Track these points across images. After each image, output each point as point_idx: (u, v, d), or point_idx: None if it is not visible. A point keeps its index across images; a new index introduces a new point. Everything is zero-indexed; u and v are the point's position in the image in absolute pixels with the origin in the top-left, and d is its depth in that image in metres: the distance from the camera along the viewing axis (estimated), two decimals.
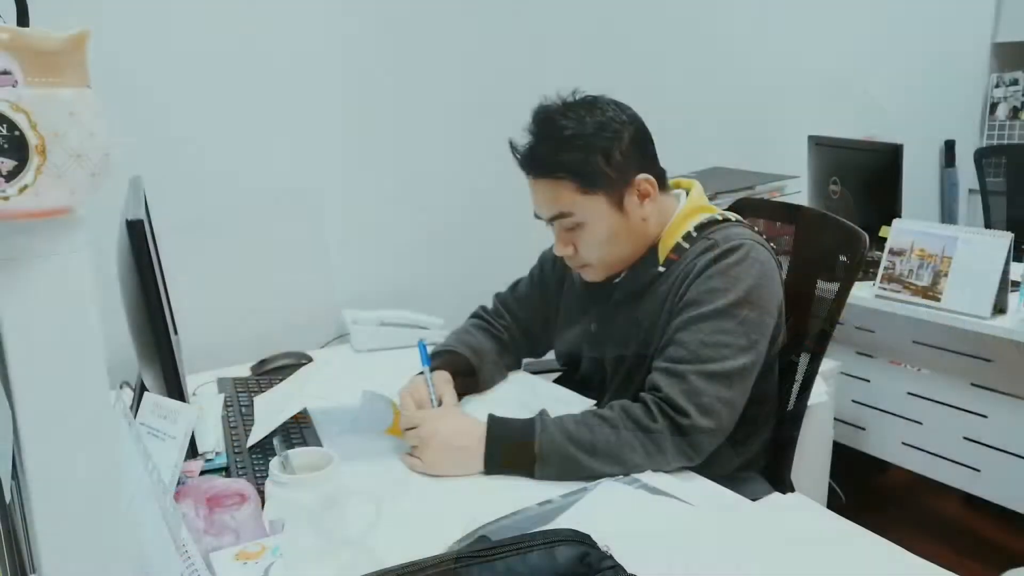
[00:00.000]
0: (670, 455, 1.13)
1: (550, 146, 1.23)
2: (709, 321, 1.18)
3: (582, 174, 1.22)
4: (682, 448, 1.14)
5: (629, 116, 1.26)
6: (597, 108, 1.24)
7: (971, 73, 3.35)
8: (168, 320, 1.12)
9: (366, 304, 1.84)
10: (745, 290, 1.19)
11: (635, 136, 1.25)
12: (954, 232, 1.89)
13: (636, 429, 1.14)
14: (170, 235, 1.52)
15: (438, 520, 1.02)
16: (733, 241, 1.23)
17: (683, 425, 1.13)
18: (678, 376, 1.16)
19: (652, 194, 1.26)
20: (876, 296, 2.00)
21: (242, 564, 0.87)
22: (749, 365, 1.19)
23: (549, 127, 1.24)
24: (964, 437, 2.02)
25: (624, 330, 1.31)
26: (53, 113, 0.52)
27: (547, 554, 0.71)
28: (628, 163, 1.24)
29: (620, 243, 1.27)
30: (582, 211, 1.24)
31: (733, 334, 1.18)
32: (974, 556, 2.17)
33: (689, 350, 1.17)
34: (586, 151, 1.21)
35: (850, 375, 2.21)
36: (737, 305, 1.18)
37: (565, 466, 1.13)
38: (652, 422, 1.14)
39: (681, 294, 1.23)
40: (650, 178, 1.26)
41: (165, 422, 1.00)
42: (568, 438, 1.14)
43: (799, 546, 0.98)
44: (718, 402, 1.15)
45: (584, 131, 1.22)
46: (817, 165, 2.44)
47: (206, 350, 1.64)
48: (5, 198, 0.51)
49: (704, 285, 1.20)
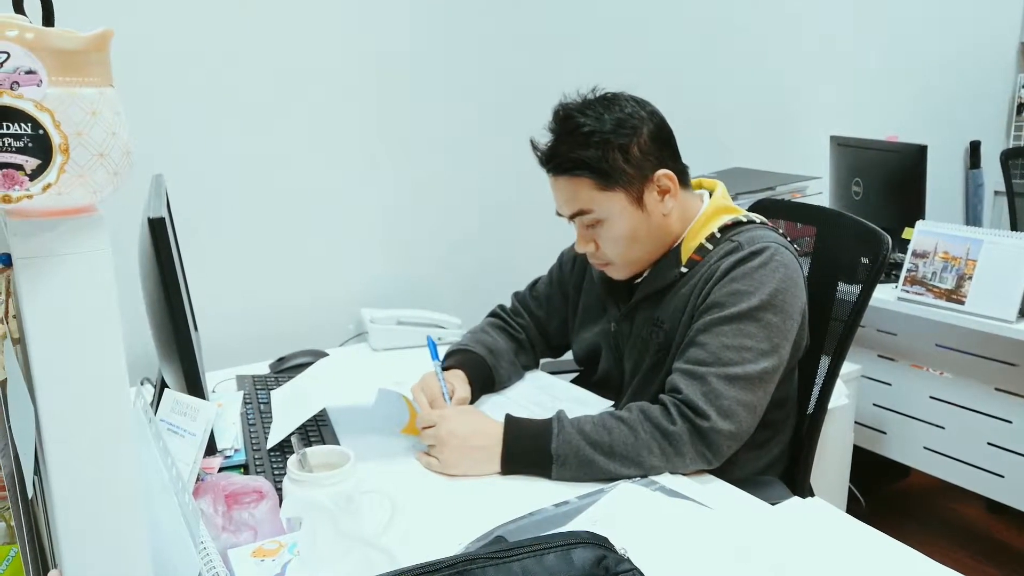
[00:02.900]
0: (688, 458, 1.12)
1: (569, 143, 1.22)
2: (732, 324, 1.17)
3: (600, 171, 1.21)
4: (700, 451, 1.13)
5: (649, 112, 1.25)
6: (616, 105, 1.24)
7: (998, 73, 3.30)
8: (188, 317, 1.13)
9: (384, 303, 1.84)
10: (769, 294, 1.18)
11: (655, 132, 1.24)
12: (979, 234, 1.86)
13: (654, 431, 1.13)
14: (191, 233, 1.53)
15: (454, 520, 1.02)
16: (758, 244, 1.21)
17: (702, 427, 1.12)
18: (698, 378, 1.15)
19: (673, 190, 1.25)
20: (899, 299, 1.97)
21: (259, 561, 0.87)
22: (770, 369, 1.17)
23: (568, 124, 1.23)
24: (988, 442, 1.99)
25: (644, 330, 1.30)
26: (76, 112, 0.52)
27: (564, 556, 0.71)
28: (647, 159, 1.23)
29: (641, 240, 1.26)
30: (601, 208, 1.23)
31: (755, 338, 1.17)
32: (996, 563, 2.14)
33: (710, 352, 1.16)
34: (604, 148, 1.21)
35: (871, 378, 2.19)
36: (761, 309, 1.17)
37: (582, 467, 1.12)
38: (671, 424, 1.13)
39: (704, 296, 1.22)
40: (670, 174, 1.24)
41: (184, 419, 1.00)
42: (585, 439, 1.13)
43: (818, 551, 0.97)
44: (738, 405, 1.14)
45: (602, 128, 1.21)
46: (839, 166, 2.42)
47: (226, 347, 1.65)
48: (29, 196, 0.52)
49: (727, 288, 1.19)
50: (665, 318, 1.27)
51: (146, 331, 1.24)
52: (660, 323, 1.28)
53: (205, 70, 1.61)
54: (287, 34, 1.69)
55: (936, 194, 2.25)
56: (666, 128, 1.27)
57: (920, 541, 0.99)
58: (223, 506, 0.93)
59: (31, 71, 0.51)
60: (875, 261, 1.35)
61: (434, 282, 1.97)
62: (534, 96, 2.04)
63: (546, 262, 1.56)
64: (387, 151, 1.87)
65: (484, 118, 1.98)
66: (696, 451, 1.12)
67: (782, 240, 1.26)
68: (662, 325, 1.27)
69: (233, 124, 1.66)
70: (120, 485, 0.59)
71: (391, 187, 1.89)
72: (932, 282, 1.92)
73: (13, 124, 0.51)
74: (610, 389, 1.38)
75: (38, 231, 0.54)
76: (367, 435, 1.28)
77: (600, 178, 1.21)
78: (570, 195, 1.25)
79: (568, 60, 2.07)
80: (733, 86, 2.45)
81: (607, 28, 2.14)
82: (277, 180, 1.74)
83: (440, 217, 1.97)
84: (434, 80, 1.90)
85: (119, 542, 0.60)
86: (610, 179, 1.22)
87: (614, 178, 1.22)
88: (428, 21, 1.87)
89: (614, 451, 1.12)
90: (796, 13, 2.59)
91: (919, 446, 2.14)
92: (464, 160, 1.98)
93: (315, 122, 1.76)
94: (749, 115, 2.51)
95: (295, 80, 1.72)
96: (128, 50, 0.99)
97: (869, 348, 2.17)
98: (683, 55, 2.32)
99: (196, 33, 1.59)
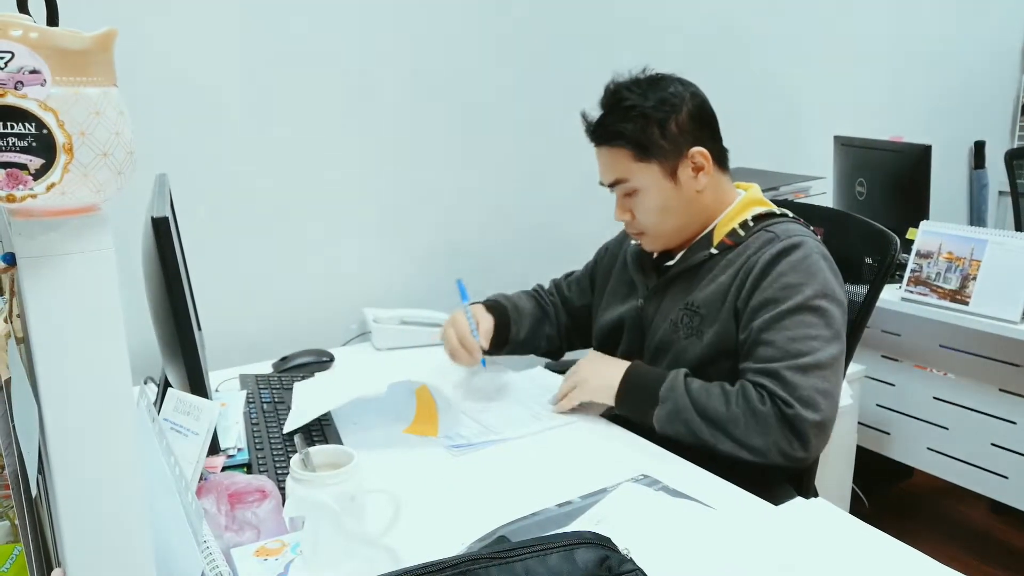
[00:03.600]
0: (772, 439, 1.16)
1: (613, 116, 1.30)
2: (792, 317, 1.20)
3: (637, 143, 1.28)
4: (787, 435, 1.16)
5: (691, 93, 1.32)
6: (661, 84, 1.31)
7: (1002, 73, 3.30)
8: (192, 317, 1.13)
9: (387, 303, 1.85)
10: (821, 283, 1.22)
11: (694, 112, 1.30)
12: (983, 235, 1.86)
13: (746, 407, 1.17)
14: (194, 233, 1.53)
15: (457, 520, 1.02)
16: (795, 237, 1.26)
17: (788, 414, 1.16)
18: (771, 374, 1.18)
19: (707, 167, 1.30)
20: (902, 299, 1.97)
21: (262, 560, 0.87)
22: (838, 355, 1.21)
23: (615, 98, 1.31)
24: (992, 443, 1.98)
25: (673, 312, 1.33)
26: (80, 112, 0.52)
27: (567, 556, 0.71)
28: (684, 136, 1.29)
29: (674, 212, 1.32)
30: (637, 178, 1.30)
31: (817, 327, 1.20)
32: (1000, 564, 2.13)
33: (778, 348, 1.19)
34: (643, 122, 1.28)
35: (875, 379, 2.18)
36: (816, 298, 1.21)
37: (679, 415, 1.21)
38: (760, 404, 1.17)
39: (749, 291, 1.24)
40: (704, 151, 1.30)
41: (188, 418, 1.01)
42: (689, 394, 1.21)
43: (821, 552, 0.97)
44: (816, 393, 1.17)
45: (644, 103, 1.28)
46: (843, 166, 2.41)
47: (229, 347, 1.66)
48: (33, 196, 0.52)
49: (778, 282, 1.23)
50: (700, 303, 1.30)
51: (150, 330, 1.25)
52: (695, 308, 1.30)
53: (209, 70, 1.62)
54: (293, 34, 1.69)
55: (940, 194, 2.24)
56: (707, 110, 1.33)
57: (923, 542, 0.99)
58: (226, 505, 0.93)
59: (35, 71, 0.51)
60: (882, 262, 1.35)
61: (437, 282, 1.97)
62: (538, 96, 2.04)
63: (550, 261, 1.56)
64: (391, 150, 1.87)
65: (488, 118, 1.98)
66: (782, 435, 1.16)
67: (814, 235, 1.30)
68: (697, 310, 1.30)
69: (236, 124, 1.66)
70: (123, 484, 0.59)
71: (394, 186, 1.89)
72: (936, 282, 1.91)
73: (17, 124, 0.51)
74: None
75: (42, 231, 0.54)
76: (371, 435, 1.28)
77: (636, 149, 1.29)
78: (609, 164, 1.33)
79: (572, 61, 2.06)
80: (737, 86, 2.45)
81: (612, 28, 2.14)
82: (281, 180, 1.74)
83: (443, 216, 1.97)
84: (438, 80, 1.90)
85: (123, 541, 0.60)
86: (646, 151, 1.28)
87: (650, 150, 1.28)
88: (435, 25, 1.87)
89: (707, 414, 1.19)
90: (799, 13, 2.58)
91: (923, 447, 2.13)
92: (467, 160, 1.98)
93: (319, 122, 1.76)
94: (753, 115, 2.51)
95: (299, 80, 1.72)
96: (132, 50, 1.00)
97: (873, 348, 2.17)
98: (687, 55, 2.31)
99: (200, 33, 1.59)
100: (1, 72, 0.50)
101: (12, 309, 0.62)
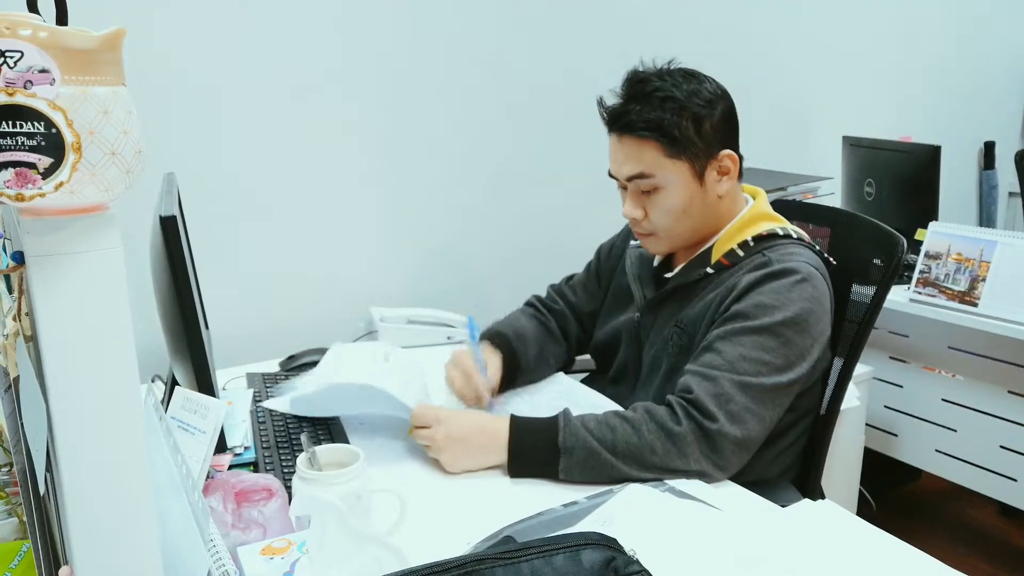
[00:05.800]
0: (692, 459, 1.10)
1: (642, 104, 1.21)
2: (752, 336, 1.16)
3: (671, 136, 1.20)
4: (706, 453, 1.10)
5: (723, 92, 1.26)
6: (694, 78, 1.24)
7: (1012, 74, 3.27)
8: (199, 315, 1.14)
9: (394, 302, 1.85)
10: (795, 312, 1.16)
11: (726, 112, 1.25)
12: (993, 236, 1.85)
13: (659, 431, 1.11)
14: (202, 231, 1.54)
15: (463, 520, 1.02)
16: (788, 263, 1.20)
17: (709, 429, 1.11)
18: (710, 380, 1.14)
19: (732, 172, 1.26)
20: (911, 300, 1.96)
21: (268, 559, 0.88)
22: (784, 384, 1.16)
23: (643, 87, 1.22)
24: (1000, 445, 1.97)
25: (666, 328, 1.30)
26: (89, 111, 0.52)
27: (573, 557, 0.71)
28: (716, 136, 1.23)
29: (691, 215, 1.26)
30: (663, 174, 1.23)
31: (773, 353, 1.15)
32: (1009, 567, 2.12)
33: (726, 359, 1.15)
34: (679, 115, 1.20)
35: (883, 380, 2.17)
36: (783, 325, 1.16)
37: (589, 461, 1.11)
38: (676, 425, 1.11)
39: (727, 306, 1.20)
40: (734, 155, 1.25)
41: (195, 416, 1.01)
42: (591, 435, 1.12)
43: (828, 554, 0.96)
44: (747, 412, 1.12)
45: (679, 95, 1.21)
46: (851, 166, 2.40)
47: (236, 345, 1.66)
48: (42, 195, 0.52)
49: (754, 300, 1.18)
50: (688, 322, 1.27)
51: (157, 329, 1.25)
52: (683, 326, 1.27)
53: (216, 70, 1.62)
54: (301, 33, 1.70)
55: (949, 195, 2.23)
56: (735, 113, 1.28)
57: (931, 545, 0.98)
58: (233, 503, 0.93)
59: (44, 70, 0.51)
60: (889, 262, 1.34)
61: (444, 281, 1.97)
62: (543, 96, 2.04)
63: (555, 262, 1.56)
64: (398, 149, 1.87)
65: (495, 117, 1.98)
66: (701, 453, 1.10)
67: (816, 262, 1.24)
68: (685, 328, 1.27)
69: (244, 123, 1.67)
70: (131, 482, 0.60)
71: (401, 185, 1.89)
72: (945, 284, 1.90)
73: (26, 123, 0.51)
74: (626, 385, 1.37)
75: (51, 229, 0.55)
76: (376, 434, 1.28)
77: (669, 144, 1.21)
78: (634, 156, 1.23)
79: (577, 62, 2.06)
80: (745, 86, 2.42)
81: (616, 30, 2.14)
82: (288, 179, 1.74)
83: (449, 216, 1.97)
84: (449, 81, 1.90)
85: (130, 538, 0.61)
86: (679, 146, 1.21)
87: (683, 146, 1.21)
88: (442, 23, 1.87)
89: (617, 449, 1.11)
90: (809, 14, 2.57)
91: (931, 449, 2.12)
92: (474, 159, 1.98)
93: (326, 120, 1.77)
94: (761, 115, 2.50)
95: (310, 78, 1.72)
96: (141, 49, 1.00)
97: (881, 350, 2.16)
98: (694, 55, 2.29)
99: (208, 33, 1.60)
100: (10, 71, 0.50)
101: (21, 307, 0.62)
